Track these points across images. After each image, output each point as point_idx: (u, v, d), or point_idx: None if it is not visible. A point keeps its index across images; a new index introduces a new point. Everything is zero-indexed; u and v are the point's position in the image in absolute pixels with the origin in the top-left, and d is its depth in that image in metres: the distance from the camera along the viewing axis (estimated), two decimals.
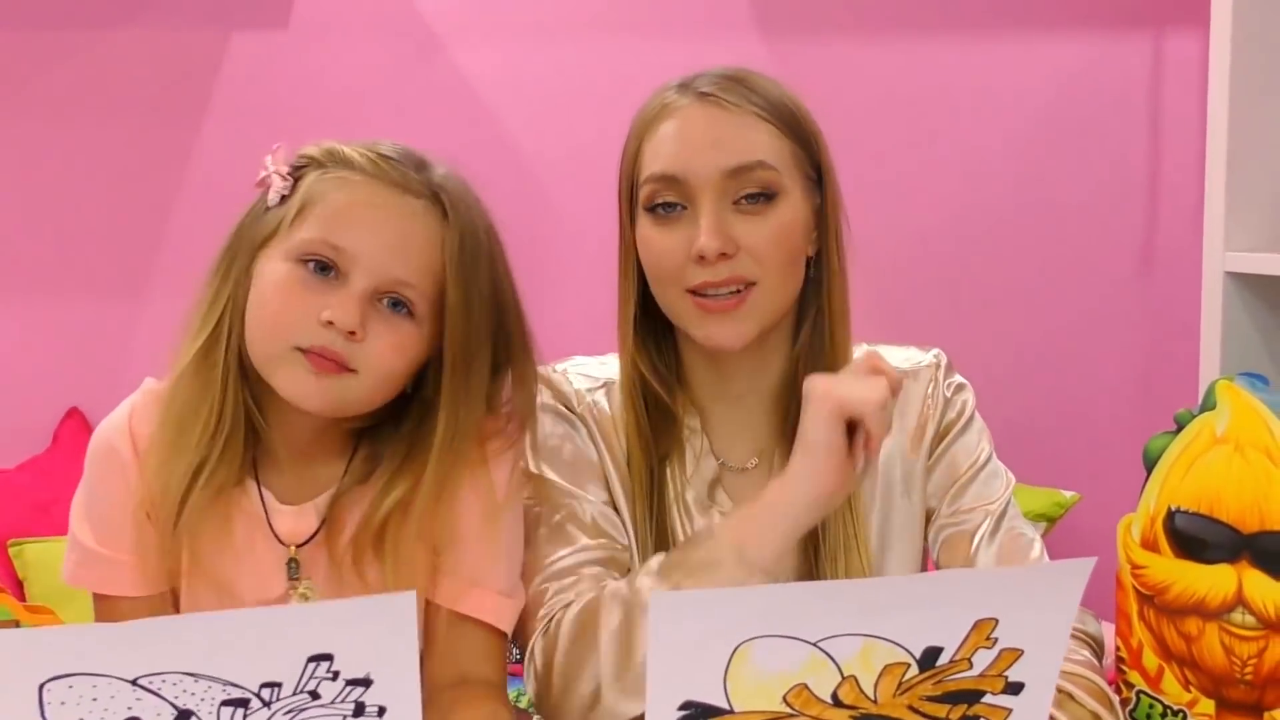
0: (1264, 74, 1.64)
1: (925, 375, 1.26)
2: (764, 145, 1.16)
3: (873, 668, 0.77)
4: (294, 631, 0.77)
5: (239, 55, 2.33)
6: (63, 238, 2.33)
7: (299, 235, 1.07)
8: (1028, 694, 0.79)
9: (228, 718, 0.79)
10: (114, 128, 2.32)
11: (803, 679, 0.76)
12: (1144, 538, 1.10)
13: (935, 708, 0.79)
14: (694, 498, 1.23)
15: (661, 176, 1.16)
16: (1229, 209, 1.64)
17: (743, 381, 1.24)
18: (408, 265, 1.08)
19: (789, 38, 2.32)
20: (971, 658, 0.78)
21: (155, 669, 0.77)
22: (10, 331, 2.33)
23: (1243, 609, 1.05)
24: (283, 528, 1.13)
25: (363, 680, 0.78)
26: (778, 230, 1.16)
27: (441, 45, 2.33)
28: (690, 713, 0.76)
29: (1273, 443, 1.03)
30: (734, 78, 1.19)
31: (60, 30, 2.30)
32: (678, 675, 0.75)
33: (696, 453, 1.24)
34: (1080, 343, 2.38)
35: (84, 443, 2.24)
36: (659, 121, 1.18)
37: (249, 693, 0.79)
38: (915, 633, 0.76)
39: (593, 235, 1.26)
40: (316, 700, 0.79)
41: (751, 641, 0.75)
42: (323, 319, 1.04)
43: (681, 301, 1.16)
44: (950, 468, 1.24)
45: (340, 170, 1.10)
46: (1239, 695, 1.07)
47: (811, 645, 0.75)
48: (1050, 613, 0.78)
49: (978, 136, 2.37)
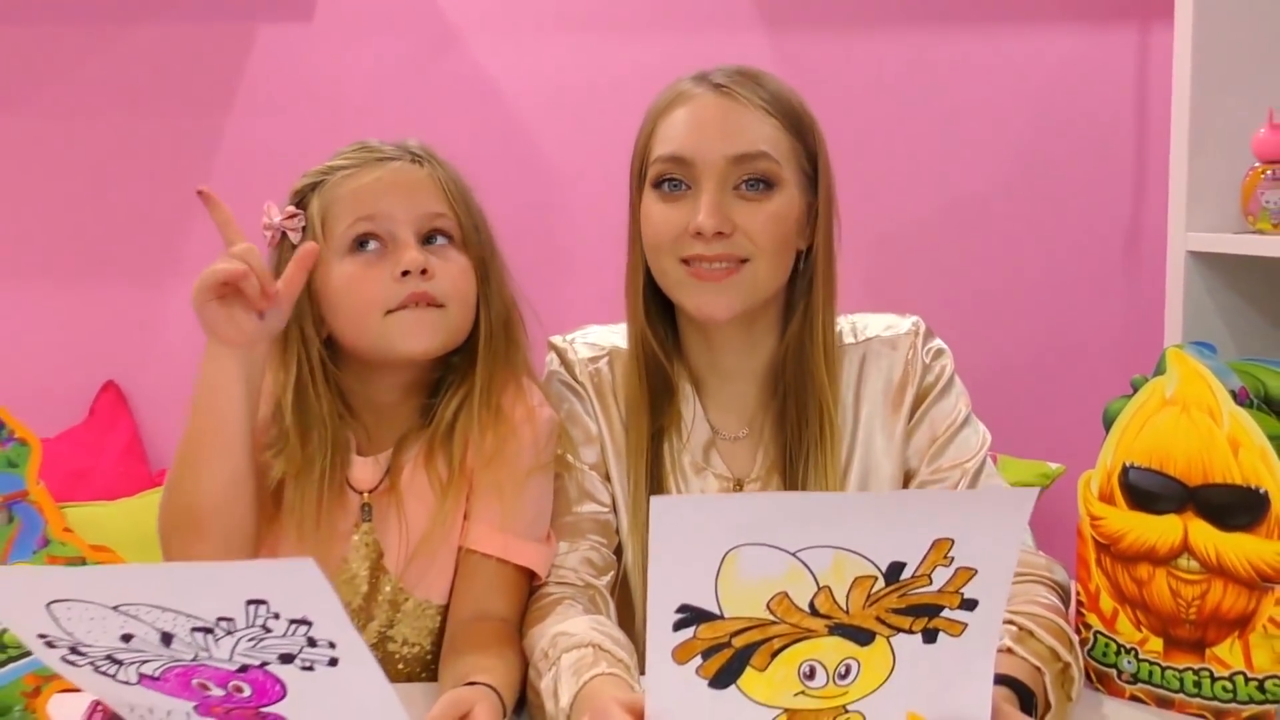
0: (1222, 70, 1.72)
1: (904, 342, 1.34)
2: (768, 138, 1.25)
3: (845, 579, 0.86)
4: (226, 583, 0.85)
5: (264, 48, 2.39)
6: (98, 223, 2.41)
7: (336, 234, 1.23)
8: (981, 610, 0.89)
9: (200, 641, 0.88)
10: (144, 118, 2.40)
11: (784, 587, 0.86)
12: (1101, 491, 1.20)
13: (900, 619, 0.89)
14: (690, 461, 1.33)
15: (671, 157, 1.25)
16: (1190, 193, 1.73)
17: (733, 359, 1.33)
18: (429, 201, 1.24)
19: (790, 33, 2.38)
20: (931, 574, 0.87)
21: (129, 600, 0.87)
22: (51, 311, 2.42)
23: (1188, 555, 1.14)
24: (358, 477, 1.27)
25: (302, 620, 0.86)
26: (772, 216, 1.25)
27: (459, 39, 2.39)
28: (686, 615, 0.86)
29: (1215, 404, 1.12)
30: (746, 74, 1.28)
31: (93, 24, 2.37)
32: (675, 579, 0.85)
33: (691, 420, 1.33)
34: (1067, 322, 2.43)
35: (119, 414, 2.39)
36: (674, 107, 1.27)
37: (209, 624, 0.88)
38: (881, 548, 0.86)
39: (604, 221, 1.35)
40: (270, 633, 0.87)
41: (738, 549, 0.84)
42: (396, 275, 1.19)
43: (676, 270, 1.26)
44: (930, 429, 1.32)
45: (336, 175, 1.25)
46: (1184, 634, 1.16)
47: (790, 555, 0.85)
48: (1000, 535, 0.87)
49: (970, 125, 2.42)
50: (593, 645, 1.11)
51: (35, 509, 1.11)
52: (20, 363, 2.38)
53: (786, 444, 1.31)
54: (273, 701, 0.94)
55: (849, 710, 0.91)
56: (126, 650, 0.91)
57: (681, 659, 0.88)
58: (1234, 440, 1.11)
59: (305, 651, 0.89)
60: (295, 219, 1.24)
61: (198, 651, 0.90)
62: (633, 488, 1.32)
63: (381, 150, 1.27)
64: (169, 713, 0.96)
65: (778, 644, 0.88)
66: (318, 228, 1.23)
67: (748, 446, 1.34)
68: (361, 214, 1.22)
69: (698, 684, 0.88)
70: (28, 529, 1.11)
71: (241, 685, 0.92)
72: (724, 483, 1.33)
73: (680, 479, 1.33)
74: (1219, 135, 1.74)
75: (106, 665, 0.93)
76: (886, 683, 0.91)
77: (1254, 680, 1.13)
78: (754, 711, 0.90)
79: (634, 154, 1.31)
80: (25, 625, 0.91)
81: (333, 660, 0.89)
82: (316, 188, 1.25)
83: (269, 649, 0.89)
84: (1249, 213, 1.69)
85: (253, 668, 0.91)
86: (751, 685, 0.89)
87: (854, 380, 1.34)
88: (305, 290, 1.21)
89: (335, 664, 0.90)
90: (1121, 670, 1.21)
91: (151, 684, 0.94)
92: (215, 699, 0.94)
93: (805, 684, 0.90)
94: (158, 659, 0.91)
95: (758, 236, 1.24)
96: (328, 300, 1.24)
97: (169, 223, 2.42)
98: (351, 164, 1.25)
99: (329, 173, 1.26)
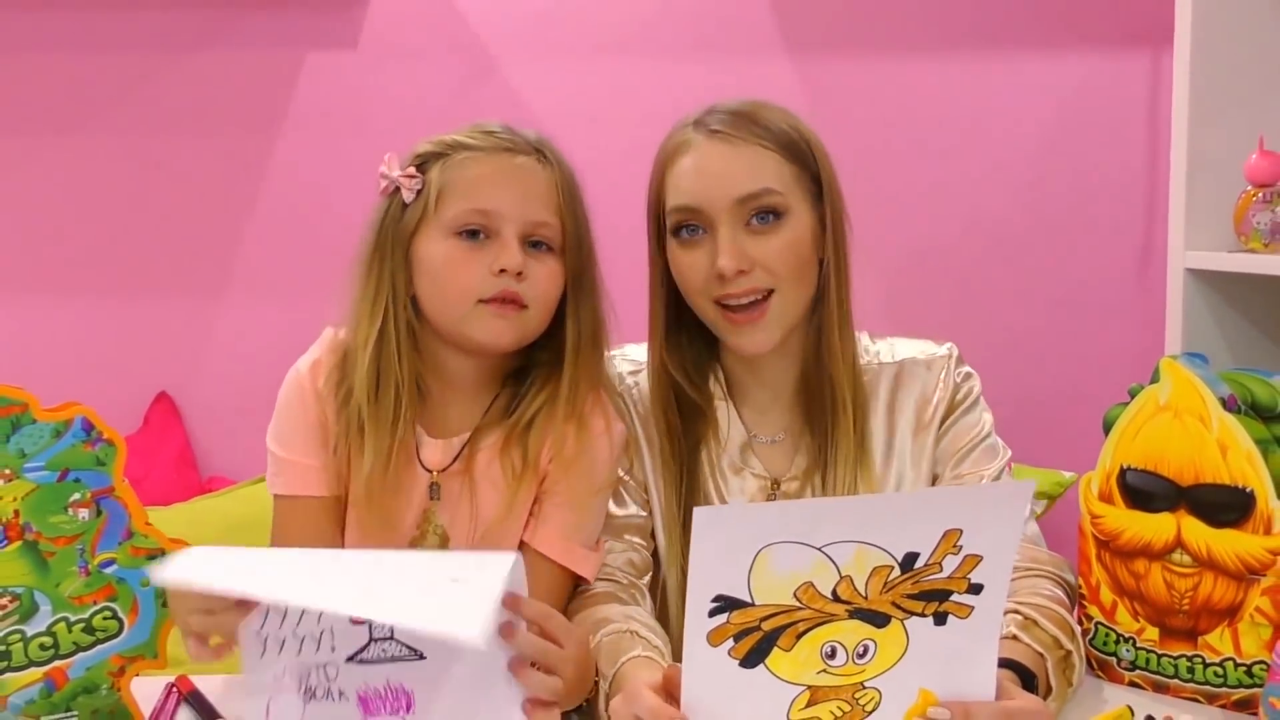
0: (1217, 100, 1.80)
1: (938, 365, 1.42)
2: (768, 173, 1.32)
3: (864, 569, 0.96)
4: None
5: (311, 74, 2.47)
6: (153, 241, 2.49)
7: (448, 215, 1.28)
8: (986, 594, 0.98)
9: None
10: (198, 140, 2.47)
11: (810, 578, 0.95)
12: (1101, 492, 1.27)
13: (913, 604, 0.98)
14: (728, 462, 1.41)
15: (684, 208, 1.33)
16: (1188, 215, 1.81)
17: (769, 371, 1.41)
18: (539, 208, 1.29)
19: (812, 58, 2.44)
20: (942, 562, 0.96)
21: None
22: (108, 324, 2.50)
23: (1181, 550, 1.22)
24: (428, 457, 1.33)
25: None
26: (787, 244, 1.32)
27: (497, 66, 2.46)
28: (720, 604, 0.95)
29: (1205, 410, 1.20)
30: (740, 113, 1.34)
31: (150, 52, 2.45)
32: (712, 576, 0.95)
33: (727, 424, 1.41)
34: (1082, 339, 2.48)
35: (171, 424, 2.48)
36: (678, 157, 1.35)
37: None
38: (898, 540, 0.95)
39: (636, 240, 1.40)
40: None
41: (770, 547, 0.94)
42: (494, 270, 1.26)
43: (712, 311, 1.34)
44: (954, 440, 1.40)
45: (460, 154, 1.30)
46: (1178, 623, 1.24)
47: (817, 550, 0.94)
48: (1003, 524, 0.97)
49: (986, 148, 2.46)
50: (630, 631, 1.21)
51: (120, 504, 1.20)
52: (78, 374, 2.45)
53: (822, 447, 1.39)
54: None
55: (866, 687, 1.00)
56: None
57: (715, 642, 0.97)
58: (1223, 444, 1.18)
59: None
60: (414, 180, 1.29)
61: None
62: (668, 496, 1.40)
63: (511, 140, 1.31)
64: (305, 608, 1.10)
65: (802, 626, 0.97)
66: (431, 197, 1.28)
67: (784, 449, 1.42)
68: (478, 204, 1.27)
69: (729, 664, 0.97)
70: (114, 522, 1.20)
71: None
72: (762, 482, 1.41)
73: (720, 480, 1.41)
74: (1214, 160, 1.81)
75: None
76: (900, 662, 0.99)
77: (1242, 666, 1.20)
78: (780, 688, 0.99)
79: (649, 200, 1.39)
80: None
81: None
82: (441, 159, 1.30)
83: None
84: (1241, 233, 1.76)
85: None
86: (778, 664, 0.98)
87: (889, 396, 1.41)
88: (400, 244, 1.28)
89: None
90: (1120, 658, 1.28)
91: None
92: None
93: (827, 663, 0.98)
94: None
95: (777, 268, 1.32)
96: (423, 269, 1.29)
97: (220, 241, 2.50)
98: (479, 146, 1.30)
99: (455, 148, 1.30)
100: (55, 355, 2.48)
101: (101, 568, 1.19)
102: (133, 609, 1.21)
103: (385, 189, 1.32)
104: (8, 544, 1.16)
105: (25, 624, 1.17)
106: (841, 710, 1.00)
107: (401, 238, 1.30)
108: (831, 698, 0.99)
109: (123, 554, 1.20)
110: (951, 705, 1.00)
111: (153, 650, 1.22)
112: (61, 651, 1.19)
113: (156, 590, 1.21)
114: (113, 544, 1.20)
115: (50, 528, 1.17)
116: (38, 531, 1.17)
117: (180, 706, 1.26)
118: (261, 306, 2.49)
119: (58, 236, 2.50)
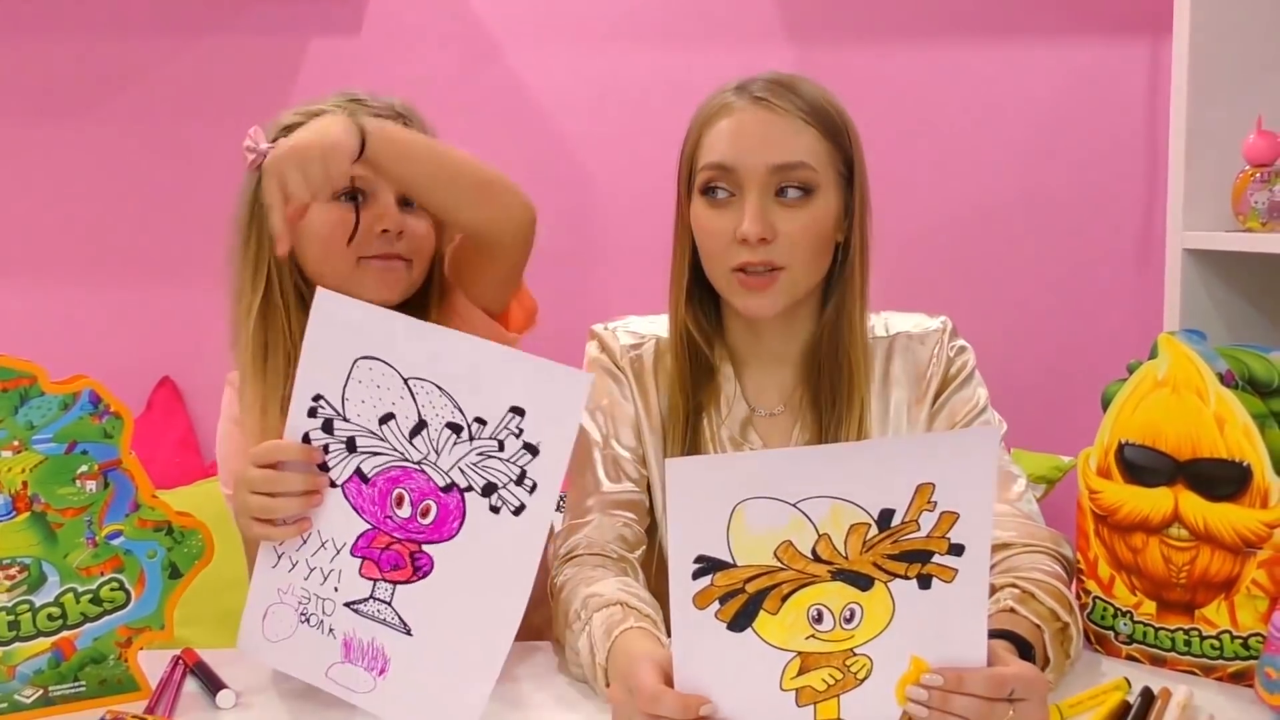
0: (1215, 81, 1.81)
1: (932, 338, 1.43)
2: (805, 147, 1.33)
3: (841, 526, 0.97)
4: (503, 377, 1.07)
5: (315, 60, 2.46)
6: (156, 226, 2.49)
7: None
8: (969, 556, 0.98)
9: (445, 439, 1.09)
10: (200, 125, 2.47)
11: (788, 536, 0.96)
12: (1099, 467, 1.29)
13: (896, 565, 0.99)
14: (728, 435, 1.42)
15: (717, 166, 1.34)
16: (1186, 195, 1.82)
17: (775, 342, 1.42)
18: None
19: (813, 45, 2.44)
20: (919, 519, 0.97)
21: (419, 374, 1.10)
22: (112, 309, 2.50)
23: (1178, 524, 1.23)
24: None
25: (534, 448, 1.06)
26: (811, 222, 1.33)
27: (500, 51, 2.46)
28: (703, 565, 0.96)
29: (1202, 385, 1.21)
30: (784, 83, 1.36)
31: (153, 38, 2.45)
32: (691, 535, 0.96)
33: (730, 398, 1.43)
34: (1081, 324, 2.49)
35: (174, 408, 2.50)
36: (718, 118, 1.35)
37: (465, 421, 1.09)
38: (871, 495, 0.96)
39: (639, 222, 1.42)
40: (501, 451, 1.08)
41: (744, 503, 0.95)
42: (376, 230, 1.32)
43: (726, 277, 1.35)
44: (949, 414, 1.41)
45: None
46: (1175, 596, 1.25)
47: (791, 506, 0.95)
48: (974, 476, 0.97)
49: (988, 134, 2.46)
50: (620, 604, 1.21)
51: (127, 476, 1.22)
52: (82, 359, 2.36)
53: (821, 421, 1.40)
54: (441, 538, 1.12)
55: (857, 654, 1.01)
56: (370, 438, 1.13)
57: (701, 604, 0.98)
58: (1220, 418, 1.20)
59: (507, 489, 1.08)
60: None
61: (429, 453, 1.11)
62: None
63: (370, 105, 1.38)
64: (322, 544, 1.17)
65: (786, 589, 0.98)
66: None
67: (784, 423, 1.43)
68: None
69: (717, 627, 0.98)
70: (121, 494, 1.22)
71: (431, 506, 1.11)
72: None
73: (719, 451, 1.42)
74: (1213, 141, 1.82)
75: (339, 453, 1.15)
76: (888, 628, 1.00)
77: (1239, 638, 1.22)
78: (771, 655, 1.00)
79: (681, 159, 1.39)
80: (316, 378, 1.15)
81: (519, 508, 1.09)
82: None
83: (487, 471, 1.08)
84: (1239, 212, 1.77)
85: (455, 489, 1.10)
86: (766, 628, 0.99)
87: (883, 370, 1.43)
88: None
89: (520, 513, 1.09)
90: (1118, 632, 1.30)
91: (356, 488, 1.15)
92: (389, 525, 1.14)
93: (814, 628, 0.99)
94: (390, 454, 1.12)
95: (796, 244, 1.33)
96: (305, 233, 1.35)
97: (223, 226, 2.43)
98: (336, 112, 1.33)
99: (316, 115, 1.33)
100: (59, 339, 2.49)
101: (109, 539, 1.21)
102: (139, 580, 1.22)
103: (254, 162, 1.33)
104: (16, 515, 1.17)
105: (33, 594, 1.19)
106: (834, 678, 1.01)
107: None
108: (823, 664, 1.00)
109: (130, 526, 1.22)
110: (944, 672, 1.00)
111: (159, 622, 1.24)
112: (69, 622, 1.20)
113: (163, 562, 1.23)
114: (120, 516, 1.22)
115: (58, 499, 1.18)
116: (46, 503, 1.18)
117: (186, 678, 1.27)
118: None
119: (61, 221, 2.50)
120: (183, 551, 1.24)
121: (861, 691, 1.01)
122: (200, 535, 1.24)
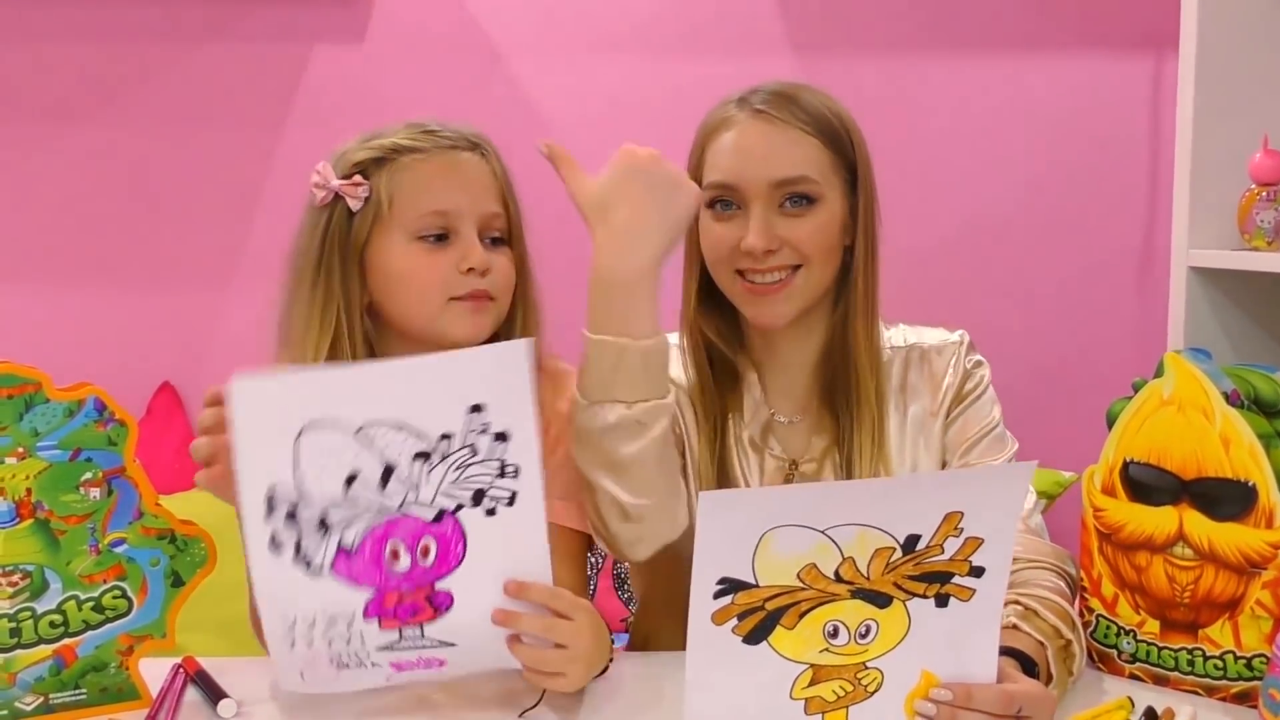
0: (1221, 100, 1.82)
1: (950, 351, 1.44)
2: (808, 159, 1.34)
3: (866, 550, 0.97)
4: (448, 381, 1.06)
5: (319, 67, 2.48)
6: (157, 232, 2.50)
7: (406, 220, 1.29)
8: (987, 577, 0.99)
9: (419, 472, 1.07)
10: (205, 132, 2.48)
11: (813, 560, 0.96)
12: (1104, 485, 1.28)
13: (915, 585, 0.99)
14: (749, 439, 1.43)
15: (720, 184, 1.35)
16: (1191, 213, 1.82)
17: (788, 350, 1.43)
18: (490, 201, 1.32)
19: (816, 57, 2.46)
20: (944, 544, 0.98)
21: (372, 416, 1.06)
22: (113, 314, 2.51)
23: (1183, 543, 1.23)
24: None
25: (503, 434, 1.06)
26: (816, 229, 1.35)
27: (503, 61, 2.47)
28: (725, 586, 0.96)
29: (1208, 404, 1.20)
30: (785, 94, 1.37)
31: (160, 44, 2.47)
32: (717, 559, 0.96)
33: (755, 401, 1.44)
34: (1083, 339, 2.50)
35: (174, 413, 2.49)
36: (720, 131, 1.37)
37: (431, 445, 1.06)
38: (899, 522, 0.96)
39: None
40: (476, 455, 1.07)
41: (774, 530, 0.95)
42: (462, 269, 1.28)
43: (734, 284, 1.37)
44: (963, 428, 1.42)
45: (405, 157, 1.30)
46: (1179, 616, 1.24)
47: (820, 532, 0.96)
48: (1003, 506, 0.98)
49: (991, 148, 2.48)
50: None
51: (131, 484, 1.21)
52: (82, 364, 2.37)
53: (839, 425, 1.41)
54: (449, 570, 1.11)
55: (869, 667, 1.01)
56: (341, 507, 1.09)
57: (719, 621, 0.98)
58: (1225, 438, 1.19)
59: (494, 487, 1.08)
60: (360, 189, 1.29)
61: (407, 493, 1.08)
62: (702, 454, 1.41)
63: (445, 136, 1.32)
64: (332, 620, 1.13)
65: (805, 606, 0.98)
66: (384, 204, 1.29)
67: (802, 430, 1.44)
68: (436, 207, 1.29)
69: (733, 640, 0.98)
70: (125, 501, 1.21)
71: (430, 545, 1.09)
72: (780, 463, 1.43)
73: (742, 455, 1.43)
74: (1219, 159, 1.83)
75: (312, 543, 1.10)
76: (902, 643, 1.01)
77: (1243, 659, 1.21)
78: (783, 666, 1.00)
79: (687, 169, 1.39)
80: (263, 470, 1.09)
81: (511, 498, 1.08)
82: (384, 164, 1.30)
83: (470, 482, 1.07)
84: (1245, 231, 1.77)
85: (447, 515, 1.09)
86: (781, 642, 0.99)
87: (901, 380, 1.44)
88: (353, 254, 1.28)
89: (513, 502, 1.09)
90: (1121, 650, 1.29)
91: (344, 565, 1.11)
92: (392, 582, 1.11)
93: (829, 642, 1.00)
94: (364, 516, 1.09)
95: (805, 248, 1.34)
96: (384, 275, 1.30)
97: (225, 233, 2.51)
98: (419, 146, 1.31)
99: (398, 151, 1.30)
100: (59, 344, 2.47)
101: (112, 547, 1.20)
102: (142, 588, 1.22)
103: (324, 200, 1.31)
104: (19, 522, 1.17)
105: (36, 601, 1.18)
106: (844, 690, 1.01)
107: (353, 247, 1.30)
108: (834, 677, 1.00)
109: (133, 533, 1.21)
110: (953, 687, 1.01)
111: (161, 630, 1.23)
112: (71, 629, 1.20)
113: (165, 570, 1.23)
114: (123, 523, 1.21)
115: (62, 506, 1.18)
116: (49, 510, 1.18)
117: (187, 686, 1.27)
118: (266, 298, 2.49)
119: (63, 227, 2.51)
120: (185, 560, 1.23)
121: (871, 704, 1.01)
122: (203, 544, 1.24)
